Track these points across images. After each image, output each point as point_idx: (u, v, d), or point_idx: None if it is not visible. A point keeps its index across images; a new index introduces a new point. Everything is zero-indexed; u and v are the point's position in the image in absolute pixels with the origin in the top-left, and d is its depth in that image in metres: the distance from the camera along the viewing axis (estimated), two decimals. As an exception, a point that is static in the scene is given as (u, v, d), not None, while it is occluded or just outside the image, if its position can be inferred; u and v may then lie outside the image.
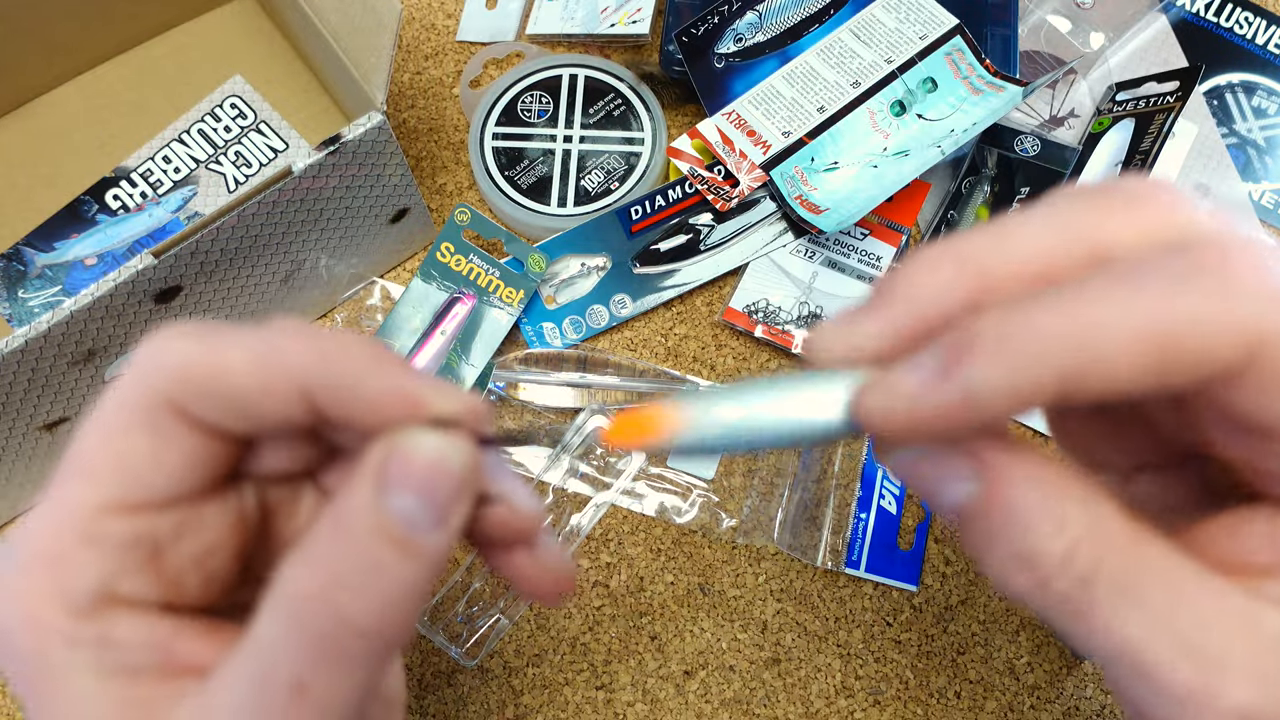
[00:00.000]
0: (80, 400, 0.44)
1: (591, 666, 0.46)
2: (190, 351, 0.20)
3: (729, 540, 0.48)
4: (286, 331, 0.21)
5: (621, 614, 0.47)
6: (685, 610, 0.47)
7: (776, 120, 0.53)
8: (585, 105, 0.55)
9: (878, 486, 0.48)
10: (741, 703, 0.45)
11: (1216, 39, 0.57)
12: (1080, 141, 0.55)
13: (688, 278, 0.52)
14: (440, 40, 0.60)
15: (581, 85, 0.56)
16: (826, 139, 0.52)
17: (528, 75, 0.56)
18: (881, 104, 0.52)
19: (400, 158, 0.46)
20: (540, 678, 0.46)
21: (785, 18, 0.55)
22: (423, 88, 0.59)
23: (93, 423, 0.21)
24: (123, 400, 0.21)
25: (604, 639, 0.46)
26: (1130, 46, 0.58)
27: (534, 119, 0.55)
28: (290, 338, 0.21)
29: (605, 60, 0.56)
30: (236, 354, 0.20)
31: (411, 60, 0.60)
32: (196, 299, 0.44)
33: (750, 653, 0.46)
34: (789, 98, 0.53)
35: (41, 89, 0.57)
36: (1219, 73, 0.57)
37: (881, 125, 0.52)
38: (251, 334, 0.21)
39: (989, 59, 0.52)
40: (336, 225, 0.47)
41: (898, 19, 0.53)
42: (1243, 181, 0.54)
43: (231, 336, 0.21)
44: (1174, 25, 0.58)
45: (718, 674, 0.46)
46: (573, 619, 0.47)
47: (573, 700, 0.45)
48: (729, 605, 0.47)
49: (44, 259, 0.52)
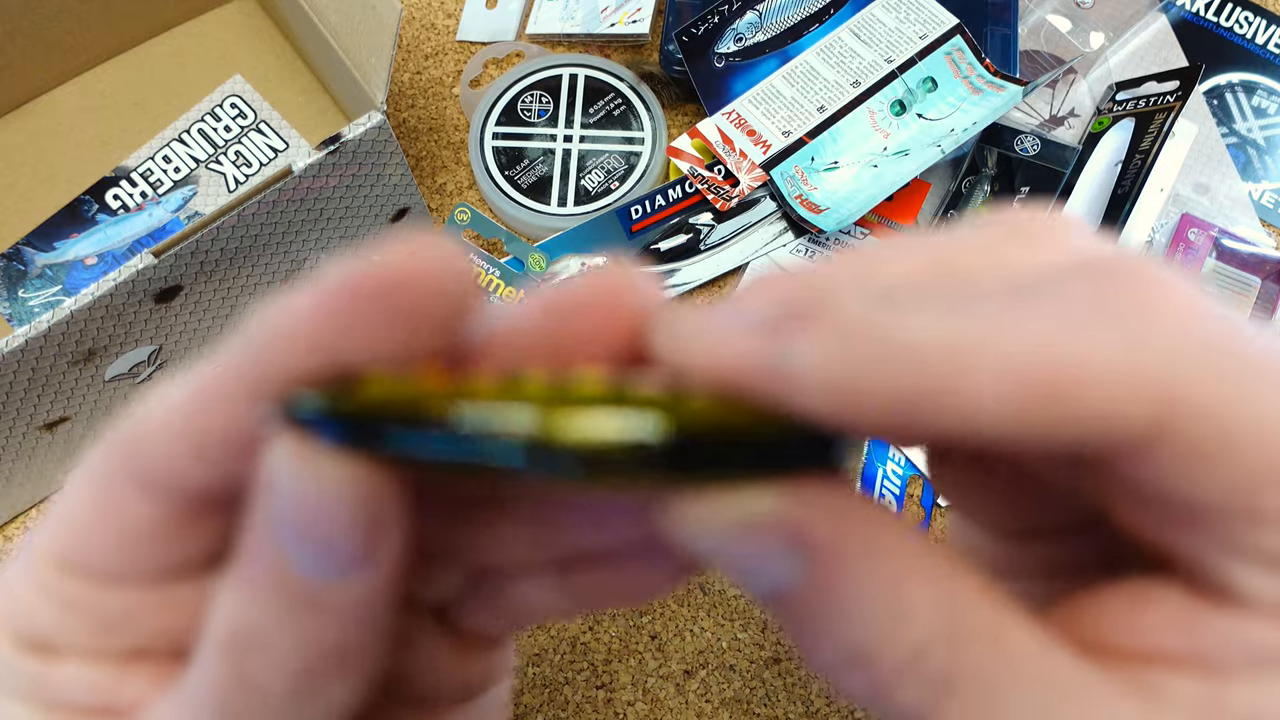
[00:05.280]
0: (80, 400, 0.44)
1: (591, 666, 0.46)
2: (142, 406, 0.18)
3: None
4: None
5: (621, 613, 0.47)
6: (685, 610, 0.47)
7: (776, 120, 0.53)
8: (585, 105, 0.55)
9: (877, 487, 0.48)
10: (742, 702, 0.45)
11: (1216, 39, 0.57)
12: (1080, 141, 0.55)
13: (688, 277, 0.52)
14: (440, 40, 0.60)
15: (581, 85, 0.56)
16: (826, 138, 0.52)
17: (528, 75, 0.56)
18: (881, 103, 0.52)
19: (400, 157, 0.46)
20: (540, 677, 0.46)
21: (785, 17, 0.55)
22: (423, 87, 0.59)
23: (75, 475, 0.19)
24: (90, 459, 0.18)
25: (604, 638, 0.46)
26: (1130, 46, 0.58)
27: (534, 119, 0.55)
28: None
29: (605, 60, 0.56)
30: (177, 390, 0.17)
31: (412, 60, 0.60)
32: (196, 299, 0.44)
33: (750, 652, 0.46)
34: (789, 97, 0.53)
35: (42, 88, 0.57)
36: (1219, 72, 0.57)
37: (881, 125, 0.52)
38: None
39: (989, 58, 0.52)
40: (337, 225, 0.47)
41: (898, 18, 0.53)
42: (1243, 181, 0.54)
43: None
44: (1174, 25, 0.58)
45: (718, 673, 0.46)
46: (572, 618, 0.47)
47: (573, 700, 0.45)
48: (729, 604, 0.47)
49: (44, 258, 0.52)
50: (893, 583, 0.14)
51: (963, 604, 0.14)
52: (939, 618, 0.14)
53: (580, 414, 0.14)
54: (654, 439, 0.14)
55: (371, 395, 0.15)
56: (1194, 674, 0.15)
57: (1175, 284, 0.14)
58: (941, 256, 0.16)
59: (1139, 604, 0.16)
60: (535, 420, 0.14)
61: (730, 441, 0.14)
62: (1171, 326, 0.14)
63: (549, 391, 0.14)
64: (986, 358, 0.13)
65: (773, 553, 0.15)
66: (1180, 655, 0.15)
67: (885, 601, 0.14)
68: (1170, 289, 0.14)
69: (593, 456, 0.14)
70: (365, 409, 0.15)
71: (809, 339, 0.14)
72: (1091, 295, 0.14)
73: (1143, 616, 0.16)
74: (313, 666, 0.16)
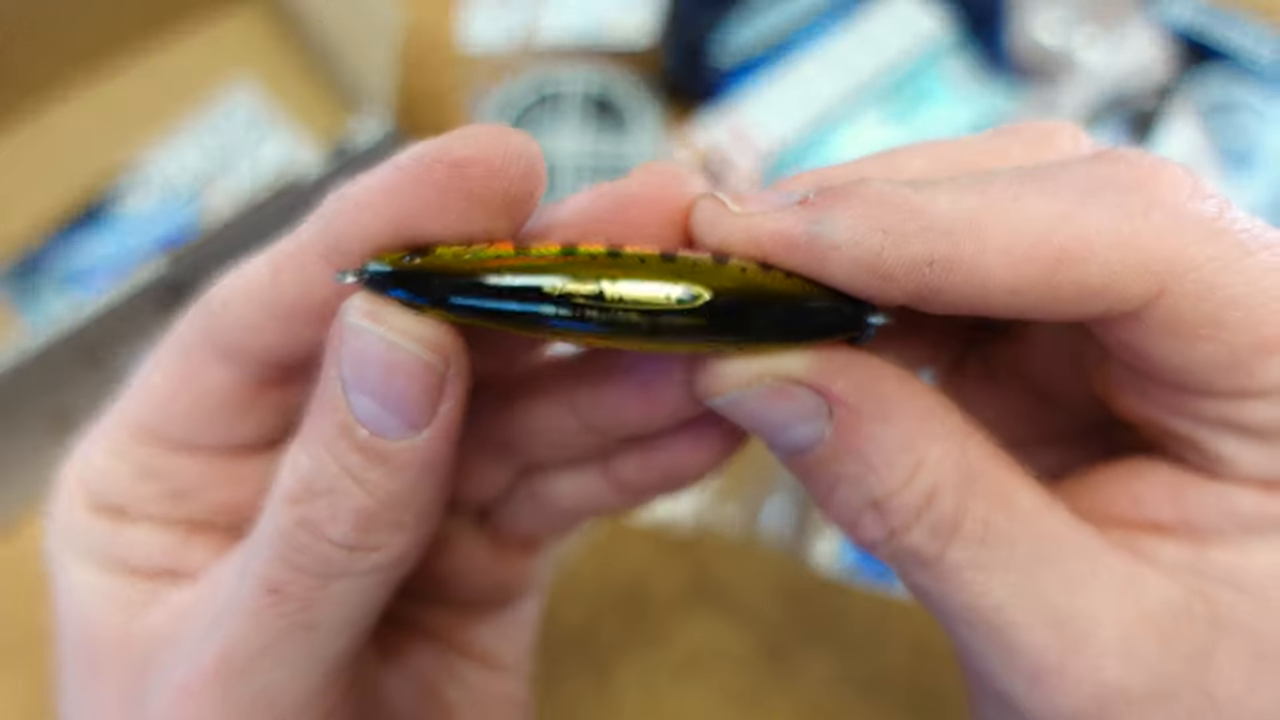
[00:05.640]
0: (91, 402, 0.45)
1: (589, 660, 0.47)
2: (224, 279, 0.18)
3: (728, 535, 0.48)
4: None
5: (620, 608, 0.47)
6: (684, 605, 0.47)
7: (775, 123, 0.54)
8: (587, 112, 0.56)
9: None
10: (740, 697, 0.46)
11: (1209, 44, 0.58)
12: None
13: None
14: (444, 48, 0.61)
15: (583, 92, 0.57)
16: (825, 141, 0.53)
17: (530, 82, 0.57)
18: (880, 106, 0.53)
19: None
20: (537, 671, 0.46)
21: (784, 21, 0.56)
22: (427, 97, 0.60)
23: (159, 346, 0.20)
24: (173, 330, 0.20)
25: (602, 633, 0.47)
26: (1123, 50, 0.58)
27: (536, 125, 0.56)
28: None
29: (607, 66, 0.57)
30: (256, 260, 0.18)
31: (417, 69, 0.61)
32: (206, 302, 0.45)
33: (749, 647, 0.47)
34: (788, 101, 0.54)
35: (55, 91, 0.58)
36: (1210, 77, 0.57)
37: (880, 127, 0.53)
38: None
39: (986, 60, 0.53)
40: (342, 229, 0.48)
41: (895, 21, 0.54)
42: (1233, 185, 0.55)
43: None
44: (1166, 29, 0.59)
45: (716, 668, 0.46)
46: (571, 612, 0.47)
47: (570, 694, 0.46)
48: (728, 600, 0.47)
49: (56, 261, 0.53)
50: (909, 438, 0.15)
51: (971, 459, 0.16)
52: (948, 469, 0.15)
53: (633, 271, 0.15)
54: (698, 294, 0.15)
55: (439, 257, 0.16)
56: (1180, 539, 0.16)
57: (1175, 169, 0.15)
58: (959, 155, 0.17)
59: (1131, 479, 0.17)
60: (591, 276, 0.15)
61: (767, 300, 0.16)
62: (1170, 205, 0.15)
63: (605, 254, 0.16)
64: (1001, 227, 0.14)
65: (801, 410, 0.16)
66: (1168, 523, 0.16)
67: (901, 455, 0.15)
68: (1170, 173, 0.15)
69: (643, 310, 0.15)
70: (433, 266, 0.16)
71: (843, 210, 0.15)
72: (1096, 177, 0.15)
73: (1134, 489, 0.17)
74: (372, 516, 0.16)
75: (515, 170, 0.16)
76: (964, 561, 0.15)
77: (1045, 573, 0.15)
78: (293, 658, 0.17)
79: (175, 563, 0.20)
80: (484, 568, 0.23)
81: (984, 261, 0.14)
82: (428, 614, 0.23)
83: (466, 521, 0.22)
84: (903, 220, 0.15)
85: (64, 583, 0.20)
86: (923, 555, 0.16)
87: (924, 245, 0.15)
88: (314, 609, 0.17)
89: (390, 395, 0.16)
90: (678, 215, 0.17)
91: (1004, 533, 0.15)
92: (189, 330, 0.19)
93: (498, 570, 0.23)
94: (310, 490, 0.16)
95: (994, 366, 0.21)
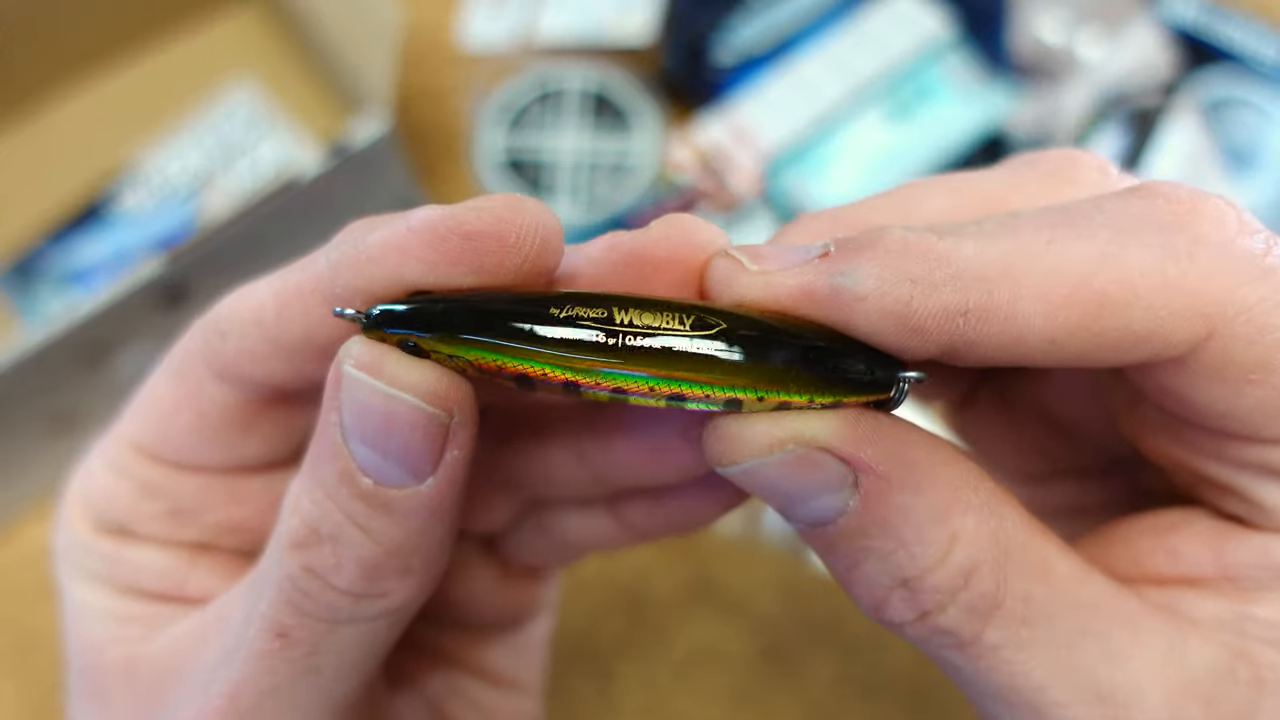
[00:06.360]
0: (90, 402, 0.45)
1: (591, 659, 0.46)
2: (226, 300, 0.18)
3: (729, 533, 0.48)
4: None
5: (622, 607, 0.47)
6: (685, 603, 0.47)
7: (776, 123, 0.53)
8: (586, 110, 0.56)
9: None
10: (741, 696, 0.46)
11: (1210, 43, 0.58)
12: (1075, 143, 0.55)
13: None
14: (444, 48, 0.61)
15: (583, 91, 0.57)
16: (826, 141, 0.53)
17: (530, 81, 0.57)
18: (881, 106, 0.53)
19: (405, 165, 0.47)
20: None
21: (785, 21, 0.55)
22: (427, 95, 0.60)
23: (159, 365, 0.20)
24: (174, 349, 0.19)
25: (604, 632, 0.47)
26: (1125, 49, 0.58)
27: (536, 124, 0.56)
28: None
29: (607, 65, 0.57)
30: (260, 287, 0.18)
31: (416, 67, 0.61)
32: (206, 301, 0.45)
33: (750, 645, 0.47)
34: (788, 100, 0.54)
35: (55, 90, 0.58)
36: (1212, 76, 0.57)
37: (881, 127, 0.53)
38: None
39: (987, 59, 0.53)
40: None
41: (896, 21, 0.54)
42: (1234, 185, 0.55)
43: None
44: (1169, 28, 0.59)
45: (718, 666, 0.46)
46: (573, 612, 0.47)
47: (572, 692, 0.46)
48: (729, 598, 0.47)
49: (54, 260, 0.53)
50: (943, 509, 0.14)
51: (1010, 530, 0.15)
52: (987, 543, 0.14)
53: (647, 309, 0.15)
54: (714, 322, 0.15)
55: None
56: (1221, 593, 0.15)
57: (1216, 202, 0.14)
58: (977, 191, 0.16)
59: (1167, 532, 0.16)
60: (604, 314, 0.15)
61: (787, 333, 0.15)
62: (1215, 243, 0.14)
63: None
64: (1037, 272, 0.14)
65: (825, 480, 0.15)
66: (1208, 577, 0.15)
67: (935, 528, 0.14)
68: (1212, 206, 0.14)
69: (653, 332, 0.15)
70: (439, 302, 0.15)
71: (867, 260, 0.14)
72: (1133, 215, 0.14)
73: (1170, 543, 0.16)
74: (378, 564, 0.16)
75: (529, 247, 0.15)
76: (1003, 641, 0.14)
77: (1087, 645, 0.14)
78: (301, 701, 0.17)
79: (179, 585, 0.20)
80: (492, 593, 0.23)
81: (1020, 309, 0.14)
82: (437, 636, 0.23)
83: (473, 549, 0.22)
84: (930, 269, 0.14)
85: (70, 603, 0.20)
86: (959, 637, 0.15)
87: (955, 294, 0.14)
88: (321, 654, 0.17)
89: (391, 447, 0.15)
90: (693, 275, 0.16)
91: (1044, 608, 0.14)
92: (190, 348, 0.19)
93: (506, 596, 0.23)
94: (314, 534, 0.16)
95: (1009, 397, 0.20)
